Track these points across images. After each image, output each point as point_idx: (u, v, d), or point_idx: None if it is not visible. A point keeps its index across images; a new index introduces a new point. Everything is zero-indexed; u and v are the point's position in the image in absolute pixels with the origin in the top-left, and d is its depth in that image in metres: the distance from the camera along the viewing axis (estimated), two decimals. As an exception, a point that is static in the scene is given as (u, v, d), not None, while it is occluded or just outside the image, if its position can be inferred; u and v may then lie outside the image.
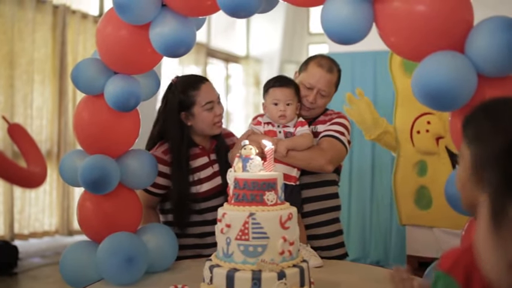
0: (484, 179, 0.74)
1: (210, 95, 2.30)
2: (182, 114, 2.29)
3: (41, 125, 5.50)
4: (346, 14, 1.57)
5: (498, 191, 0.70)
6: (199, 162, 2.32)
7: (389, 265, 4.44)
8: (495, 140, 0.73)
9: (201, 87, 2.29)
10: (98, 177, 1.96)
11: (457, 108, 1.55)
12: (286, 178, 2.18)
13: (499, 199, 0.70)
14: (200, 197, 2.29)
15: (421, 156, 3.33)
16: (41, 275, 4.60)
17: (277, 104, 2.22)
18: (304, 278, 1.61)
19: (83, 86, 2.01)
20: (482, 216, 0.73)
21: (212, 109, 2.30)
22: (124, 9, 1.81)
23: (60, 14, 5.57)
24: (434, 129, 3.21)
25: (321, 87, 2.28)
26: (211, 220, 2.25)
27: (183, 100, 2.27)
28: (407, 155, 3.38)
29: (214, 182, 2.33)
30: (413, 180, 3.36)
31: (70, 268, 2.05)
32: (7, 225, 5.19)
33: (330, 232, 2.35)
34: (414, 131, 3.31)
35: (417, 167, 3.37)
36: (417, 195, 3.37)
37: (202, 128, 2.31)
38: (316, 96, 2.29)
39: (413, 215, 3.37)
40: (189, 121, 2.30)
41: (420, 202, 3.35)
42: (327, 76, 2.29)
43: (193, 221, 2.31)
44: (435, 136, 3.22)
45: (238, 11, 1.73)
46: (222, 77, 8.90)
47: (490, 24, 1.47)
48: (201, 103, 2.27)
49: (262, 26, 9.11)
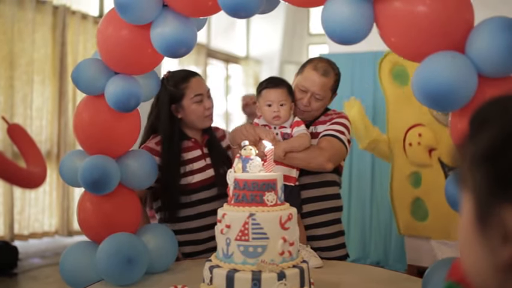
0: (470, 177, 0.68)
1: (199, 88, 2.36)
2: (172, 107, 2.35)
3: (40, 125, 5.50)
4: (346, 14, 1.56)
5: (486, 190, 0.65)
6: (192, 155, 2.37)
7: (389, 266, 4.44)
8: (483, 136, 0.67)
9: (191, 80, 2.36)
10: (98, 177, 1.96)
11: (457, 108, 1.55)
12: (286, 179, 2.17)
13: (486, 199, 0.65)
14: (192, 188, 2.32)
15: (415, 168, 3.31)
16: (40, 276, 4.59)
17: (270, 105, 2.22)
18: (304, 278, 1.61)
19: (84, 86, 2.01)
20: (466, 217, 0.69)
21: (201, 102, 2.35)
22: (125, 9, 1.81)
23: (60, 14, 5.58)
24: (426, 141, 3.20)
25: (315, 90, 2.27)
26: (205, 212, 2.30)
27: (173, 93, 2.34)
28: (401, 166, 3.37)
29: (207, 174, 2.36)
30: (408, 191, 3.36)
31: (70, 269, 2.05)
32: (7, 226, 5.19)
33: (329, 233, 2.34)
34: (406, 143, 3.29)
35: (411, 178, 3.36)
36: (413, 207, 3.36)
37: (192, 120, 2.36)
38: (310, 100, 2.28)
39: (411, 226, 3.37)
40: (179, 113, 2.36)
41: (416, 214, 3.35)
42: (322, 80, 2.27)
43: (187, 215, 2.33)
44: (427, 148, 3.21)
45: (239, 11, 1.73)
46: (222, 78, 8.91)
47: (490, 24, 1.47)
48: (190, 95, 2.33)
49: (262, 27, 9.12)
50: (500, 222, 0.62)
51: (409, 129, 3.27)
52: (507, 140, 0.63)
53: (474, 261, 0.68)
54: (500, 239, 0.63)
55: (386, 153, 3.47)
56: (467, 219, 0.68)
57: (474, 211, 0.67)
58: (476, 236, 0.66)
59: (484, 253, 0.66)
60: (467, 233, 0.68)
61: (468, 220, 0.68)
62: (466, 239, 0.69)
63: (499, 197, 0.63)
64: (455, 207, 1.61)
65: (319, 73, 2.27)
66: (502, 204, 0.62)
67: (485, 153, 0.65)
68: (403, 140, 3.31)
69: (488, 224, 0.64)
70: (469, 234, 0.68)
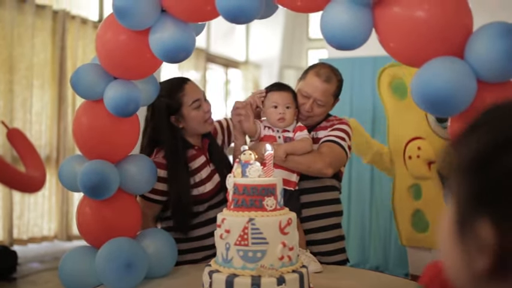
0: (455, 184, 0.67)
1: (195, 93, 2.33)
2: (172, 118, 2.30)
3: (40, 130, 5.49)
4: (345, 19, 1.57)
5: (466, 201, 0.65)
6: (198, 163, 2.34)
7: (389, 270, 4.43)
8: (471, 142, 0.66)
9: (185, 87, 2.32)
10: (97, 182, 1.96)
11: (456, 113, 1.55)
12: (286, 183, 2.18)
13: (466, 209, 0.65)
14: (205, 197, 2.31)
15: (416, 180, 3.32)
16: (39, 280, 4.58)
17: (276, 107, 2.23)
18: (304, 283, 1.60)
19: (83, 91, 2.01)
20: (447, 220, 0.68)
21: (200, 107, 2.32)
22: (124, 14, 1.82)
23: (60, 19, 5.58)
24: (425, 155, 3.20)
25: (317, 96, 2.28)
26: (214, 218, 2.28)
27: (170, 104, 2.29)
28: (402, 178, 3.38)
29: (214, 181, 2.35)
30: (409, 203, 3.37)
31: (69, 273, 2.04)
32: (6, 230, 5.18)
33: (329, 238, 2.34)
34: (406, 156, 3.31)
35: (412, 190, 3.37)
36: (414, 219, 3.37)
37: (194, 127, 2.33)
38: (312, 105, 2.29)
39: (412, 238, 3.37)
40: (180, 123, 2.32)
41: (417, 225, 3.35)
42: (324, 86, 2.28)
43: (197, 223, 2.32)
44: (427, 161, 3.21)
45: (238, 16, 1.73)
46: (222, 82, 8.91)
47: (489, 29, 1.48)
48: (188, 102, 2.29)
49: (261, 32, 9.13)
50: (477, 235, 0.62)
51: (409, 142, 3.29)
52: (493, 153, 0.63)
53: (453, 264, 0.68)
54: (476, 250, 0.63)
55: (389, 167, 3.50)
56: (448, 223, 0.68)
57: (455, 217, 0.67)
58: (455, 241, 0.66)
59: (461, 259, 0.66)
60: (447, 236, 0.68)
61: (449, 224, 0.68)
62: (446, 241, 0.69)
63: (478, 210, 0.63)
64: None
65: (322, 79, 2.28)
66: (480, 218, 0.62)
67: (470, 165, 0.65)
68: (403, 153, 3.32)
69: (466, 233, 0.64)
70: (449, 237, 0.68)
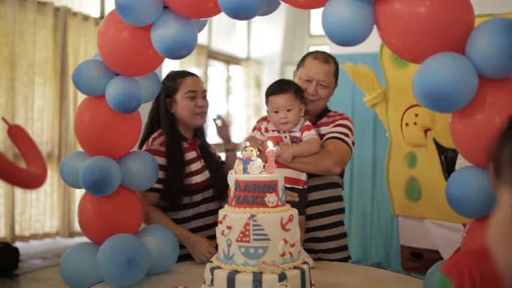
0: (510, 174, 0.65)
1: (194, 86, 2.41)
2: (167, 101, 2.39)
3: (41, 127, 5.50)
4: (347, 15, 1.56)
5: None
6: (189, 156, 2.39)
7: (390, 267, 4.43)
8: None
9: (187, 77, 2.42)
10: (99, 178, 1.96)
11: (458, 109, 1.55)
12: (295, 182, 2.19)
13: None
14: (193, 189, 2.34)
15: (411, 148, 3.34)
16: (41, 277, 4.59)
17: (277, 112, 2.23)
18: (305, 279, 1.61)
19: (84, 88, 2.02)
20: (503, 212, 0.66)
21: (194, 99, 2.39)
22: (126, 10, 1.82)
23: (61, 16, 5.58)
24: (422, 122, 3.22)
25: (320, 77, 2.31)
26: (203, 212, 2.36)
27: (169, 87, 2.39)
28: (398, 147, 3.41)
29: (204, 175, 2.39)
30: (404, 171, 3.39)
31: (71, 270, 2.05)
32: (8, 227, 5.19)
33: (332, 235, 2.34)
34: (403, 124, 3.33)
35: (407, 159, 3.38)
36: (408, 187, 3.38)
37: (183, 115, 2.39)
38: (316, 88, 2.32)
39: (405, 206, 3.39)
40: (171, 108, 2.40)
41: (410, 194, 3.37)
42: (324, 67, 2.33)
43: (187, 217, 2.34)
44: (423, 128, 3.23)
45: (240, 12, 1.73)
46: (223, 79, 8.90)
47: (490, 25, 1.47)
48: (184, 91, 2.38)
49: (263, 28, 9.12)
50: None
51: (407, 110, 3.31)
52: None
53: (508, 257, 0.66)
54: None
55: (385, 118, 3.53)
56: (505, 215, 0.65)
57: None
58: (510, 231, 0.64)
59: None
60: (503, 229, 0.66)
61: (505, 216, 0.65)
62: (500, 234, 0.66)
63: None
64: (456, 208, 1.61)
65: (321, 61, 2.33)
66: None
67: None
68: (400, 120, 3.34)
69: None
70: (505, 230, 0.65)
